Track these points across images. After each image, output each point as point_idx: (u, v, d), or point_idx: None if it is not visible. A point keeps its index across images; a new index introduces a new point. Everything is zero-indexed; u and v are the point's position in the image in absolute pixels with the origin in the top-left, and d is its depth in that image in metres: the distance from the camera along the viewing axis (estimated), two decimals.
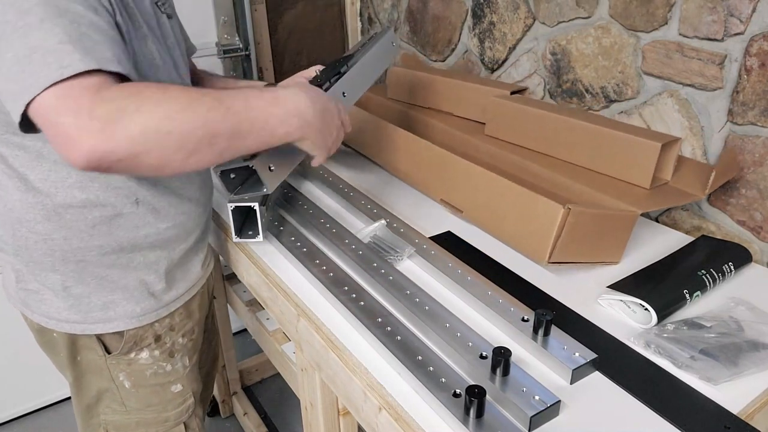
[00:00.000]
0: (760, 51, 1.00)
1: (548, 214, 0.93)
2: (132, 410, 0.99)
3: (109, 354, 0.94)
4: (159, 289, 0.94)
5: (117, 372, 0.96)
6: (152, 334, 0.96)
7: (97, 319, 0.91)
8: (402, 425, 0.72)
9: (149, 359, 0.97)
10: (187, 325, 1.02)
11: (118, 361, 0.95)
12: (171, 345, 1.00)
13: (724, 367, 0.76)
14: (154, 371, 0.98)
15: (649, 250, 1.04)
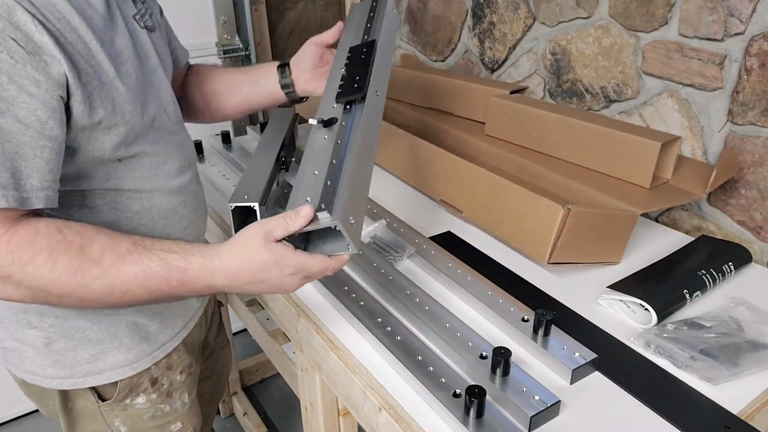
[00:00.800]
0: (760, 51, 1.00)
1: (548, 215, 0.93)
2: None
3: (103, 401, 0.87)
4: (152, 330, 0.86)
5: (112, 418, 0.88)
6: (148, 379, 0.88)
7: (86, 372, 0.83)
8: (402, 425, 0.72)
9: (146, 404, 0.89)
10: (185, 360, 0.94)
11: (113, 408, 0.87)
12: (169, 385, 0.92)
13: (724, 367, 0.76)
14: (152, 414, 0.91)
15: (649, 250, 1.04)
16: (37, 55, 0.61)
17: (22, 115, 0.61)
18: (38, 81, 0.61)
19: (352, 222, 0.68)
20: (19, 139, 0.61)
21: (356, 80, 0.83)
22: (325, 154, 0.76)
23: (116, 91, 0.70)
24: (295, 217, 0.68)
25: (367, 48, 0.89)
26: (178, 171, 0.84)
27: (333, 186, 0.71)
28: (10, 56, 0.59)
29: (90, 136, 0.70)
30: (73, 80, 0.64)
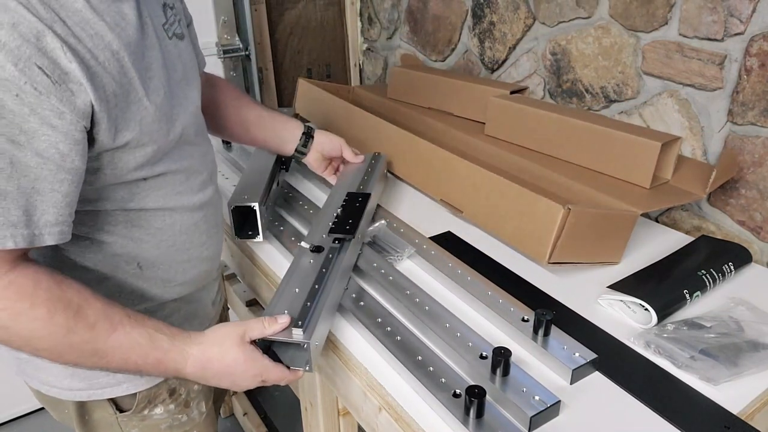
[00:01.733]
0: (760, 51, 1.00)
1: (548, 214, 0.93)
2: None
3: (121, 413, 0.87)
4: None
5: (129, 429, 0.89)
6: (166, 389, 0.89)
7: (104, 384, 0.83)
8: (402, 425, 0.72)
9: (164, 414, 0.90)
10: None
11: (131, 419, 0.87)
12: (186, 395, 0.92)
13: (724, 367, 0.76)
14: (169, 425, 0.91)
15: (649, 250, 1.04)
16: (63, 84, 0.59)
17: (42, 148, 0.59)
18: (62, 113, 0.59)
19: (317, 344, 0.76)
20: (37, 174, 0.60)
21: (349, 222, 0.96)
22: (310, 277, 0.85)
23: (145, 111, 0.69)
24: (272, 323, 0.74)
25: (362, 198, 1.04)
26: (201, 186, 0.84)
27: (312, 308, 0.79)
28: (33, 87, 0.57)
29: (114, 157, 0.69)
30: (99, 108, 0.63)
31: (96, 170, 0.69)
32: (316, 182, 1.30)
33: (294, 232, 1.09)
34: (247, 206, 1.05)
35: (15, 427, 1.88)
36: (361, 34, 2.04)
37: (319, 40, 1.97)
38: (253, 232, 1.07)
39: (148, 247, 0.78)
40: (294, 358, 0.77)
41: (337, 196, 1.08)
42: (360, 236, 0.99)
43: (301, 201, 1.20)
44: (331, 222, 0.98)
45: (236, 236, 1.07)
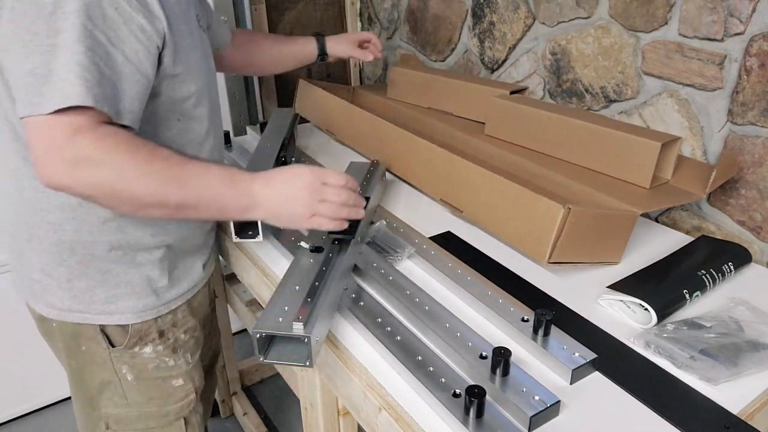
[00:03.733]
0: (760, 51, 1.00)
1: (548, 214, 0.93)
2: (133, 404, 1.01)
3: (113, 347, 0.96)
4: (161, 286, 0.97)
5: (120, 365, 0.97)
6: (156, 330, 0.98)
7: (100, 311, 0.93)
8: (402, 425, 0.72)
9: (152, 354, 0.99)
10: (189, 322, 1.04)
11: (122, 354, 0.97)
12: (174, 341, 1.02)
13: (724, 367, 0.76)
14: (157, 365, 1.00)
15: (649, 250, 1.04)
16: (146, 9, 0.77)
17: (127, 51, 0.75)
18: (144, 29, 0.77)
19: (317, 340, 0.76)
20: (121, 70, 0.75)
21: (350, 224, 0.93)
22: (310, 276, 0.86)
23: (192, 54, 0.88)
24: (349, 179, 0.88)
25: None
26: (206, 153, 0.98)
27: (312, 304, 0.79)
28: (128, 5, 0.75)
29: (169, 85, 0.85)
30: (168, 36, 0.81)
31: (156, 95, 0.85)
32: None
33: (294, 232, 1.09)
34: None
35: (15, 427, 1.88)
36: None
37: None
38: (253, 232, 1.07)
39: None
40: (294, 354, 0.77)
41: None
42: (359, 238, 1.00)
43: None
44: None
45: (236, 236, 1.07)
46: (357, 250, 0.98)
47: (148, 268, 0.95)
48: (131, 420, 1.02)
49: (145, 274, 0.94)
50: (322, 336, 0.80)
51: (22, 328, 1.75)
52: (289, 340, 0.78)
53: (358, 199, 0.90)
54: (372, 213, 1.11)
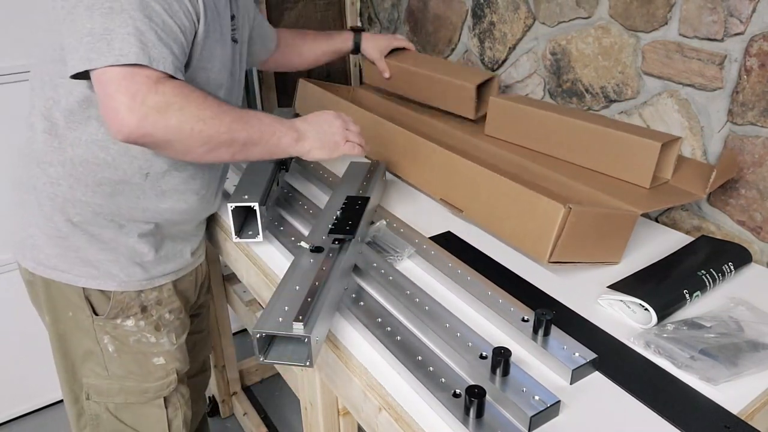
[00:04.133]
0: (760, 51, 1.00)
1: (549, 214, 0.93)
2: (114, 376, 1.03)
3: (96, 315, 1.00)
4: (148, 261, 1.01)
5: (102, 334, 1.01)
6: (138, 304, 1.02)
7: (82, 274, 0.98)
8: (402, 425, 0.72)
9: (134, 327, 1.03)
10: (175, 303, 1.08)
11: (104, 324, 1.01)
12: (157, 318, 1.05)
13: (724, 367, 0.76)
14: (137, 339, 1.03)
15: (649, 250, 1.04)
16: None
17: (179, 22, 0.83)
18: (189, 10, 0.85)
19: (317, 339, 0.76)
20: (176, 35, 0.83)
21: (349, 224, 0.98)
22: (310, 276, 0.86)
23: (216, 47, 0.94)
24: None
25: (362, 201, 1.06)
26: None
27: (312, 304, 0.79)
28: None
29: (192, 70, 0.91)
30: (203, 18, 0.88)
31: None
32: (316, 182, 1.30)
33: (294, 232, 1.09)
34: (247, 206, 1.05)
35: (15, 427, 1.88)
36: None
37: None
38: (253, 232, 1.07)
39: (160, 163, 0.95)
40: (294, 353, 0.77)
41: (337, 200, 1.08)
42: (360, 238, 1.00)
43: (301, 201, 1.20)
44: (331, 223, 0.98)
45: (236, 236, 1.07)
46: (357, 250, 0.99)
47: (135, 240, 0.99)
48: (112, 392, 1.04)
49: (132, 245, 0.99)
50: (322, 336, 0.80)
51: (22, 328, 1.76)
52: (290, 340, 0.78)
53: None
54: (372, 213, 1.11)
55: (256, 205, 1.04)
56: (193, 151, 0.84)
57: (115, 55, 0.76)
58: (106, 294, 0.99)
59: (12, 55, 1.53)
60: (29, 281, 1.03)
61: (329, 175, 1.30)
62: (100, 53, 0.76)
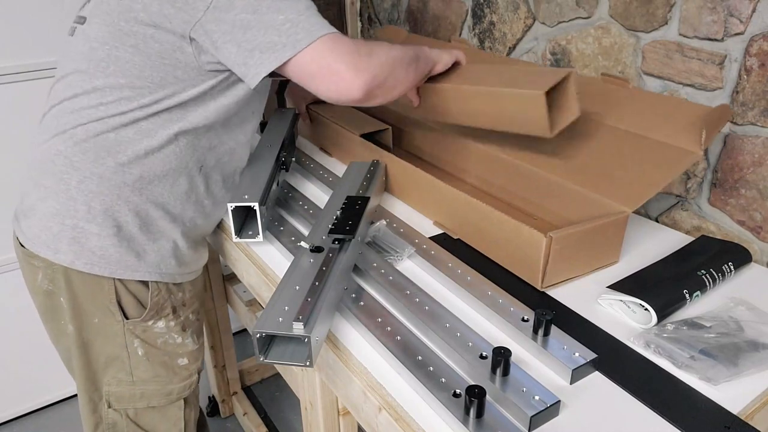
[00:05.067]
0: (760, 51, 1.00)
1: (532, 242, 0.91)
2: (138, 381, 1.04)
3: (127, 319, 1.00)
4: (182, 254, 1.05)
5: (132, 338, 1.01)
6: (170, 305, 1.04)
7: (128, 266, 0.98)
8: (402, 425, 0.72)
9: (164, 329, 1.04)
10: (194, 304, 1.11)
11: (135, 327, 1.01)
12: (184, 319, 1.08)
13: (724, 367, 0.76)
14: (165, 340, 1.05)
15: (649, 250, 1.04)
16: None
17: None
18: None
19: (317, 339, 0.76)
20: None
21: (349, 224, 0.98)
22: (310, 276, 0.86)
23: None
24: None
25: (362, 201, 1.06)
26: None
27: (312, 303, 0.79)
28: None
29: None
30: None
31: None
32: (316, 182, 1.30)
33: (294, 232, 1.09)
34: (247, 206, 1.05)
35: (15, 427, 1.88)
36: (361, 34, 2.04)
37: None
38: (253, 232, 1.07)
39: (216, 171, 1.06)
40: (294, 353, 0.78)
41: (337, 200, 1.08)
42: (360, 238, 1.00)
43: (301, 201, 1.20)
44: (331, 223, 0.98)
45: (236, 236, 1.07)
46: (357, 250, 0.99)
47: (178, 234, 1.02)
48: (134, 398, 1.05)
49: (175, 238, 1.02)
50: (323, 336, 0.80)
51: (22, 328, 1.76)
52: (290, 339, 0.79)
53: None
54: (372, 213, 1.11)
55: (256, 205, 1.04)
56: (401, 80, 0.96)
57: (321, 28, 0.86)
58: (141, 296, 1.00)
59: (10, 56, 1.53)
60: (48, 291, 1.00)
61: (329, 175, 1.30)
62: (308, 33, 0.85)
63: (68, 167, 0.93)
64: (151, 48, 0.89)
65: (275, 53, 0.85)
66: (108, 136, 0.93)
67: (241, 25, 0.85)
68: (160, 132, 0.94)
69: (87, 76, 0.92)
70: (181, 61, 0.90)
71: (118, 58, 0.90)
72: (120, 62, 0.90)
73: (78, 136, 0.93)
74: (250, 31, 0.85)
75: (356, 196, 1.08)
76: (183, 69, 0.91)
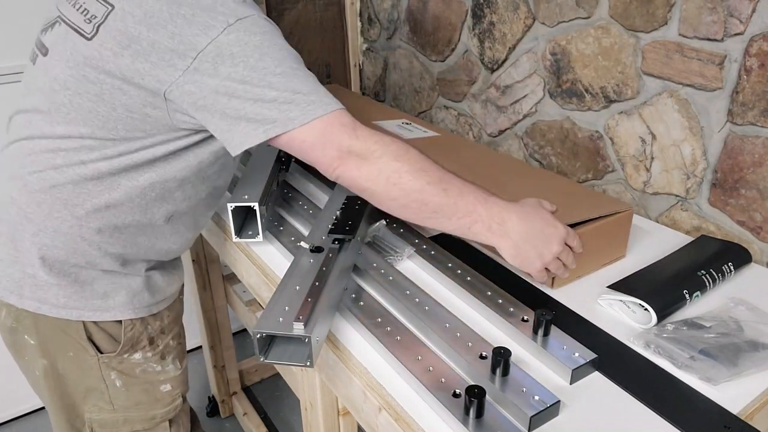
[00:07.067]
0: (760, 51, 1.00)
1: None
2: (120, 409, 1.01)
3: (101, 353, 0.95)
4: (152, 286, 0.99)
5: (108, 371, 0.97)
6: (147, 336, 0.99)
7: (95, 307, 0.93)
8: (402, 425, 0.72)
9: (141, 359, 1.00)
10: (175, 329, 1.07)
11: (110, 360, 0.97)
12: (163, 347, 1.03)
13: (723, 367, 0.76)
14: (143, 369, 1.01)
15: (649, 250, 1.04)
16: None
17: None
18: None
19: (317, 339, 0.76)
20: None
21: (349, 224, 0.98)
22: (310, 276, 0.86)
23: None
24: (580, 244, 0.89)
25: (362, 201, 1.05)
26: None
27: (312, 303, 0.79)
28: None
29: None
30: None
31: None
32: (316, 182, 1.30)
33: (294, 232, 1.09)
34: (246, 206, 1.05)
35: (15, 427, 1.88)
36: (361, 34, 2.04)
37: (319, 40, 1.96)
38: (253, 232, 1.07)
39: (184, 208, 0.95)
40: (295, 353, 0.78)
41: (337, 200, 1.08)
42: (359, 238, 1.00)
43: (301, 201, 1.20)
44: (331, 223, 0.98)
45: (236, 236, 1.07)
46: (357, 250, 0.98)
47: (144, 271, 0.97)
48: (117, 424, 1.02)
49: (142, 275, 0.96)
50: (323, 336, 0.80)
51: None
52: (290, 340, 0.79)
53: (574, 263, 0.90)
54: (372, 213, 1.11)
55: (256, 205, 1.04)
56: (384, 204, 0.83)
57: (319, 107, 0.78)
58: (114, 332, 0.95)
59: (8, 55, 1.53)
60: (12, 328, 0.95)
61: None
62: (302, 111, 0.77)
63: (22, 218, 0.88)
64: (117, 99, 0.80)
65: (257, 128, 0.78)
66: (65, 188, 0.85)
67: (225, 92, 0.77)
68: (124, 185, 0.86)
69: (48, 118, 0.84)
70: (150, 116, 0.81)
71: (80, 106, 0.81)
72: (82, 111, 0.81)
73: (33, 185, 0.86)
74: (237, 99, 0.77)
75: (356, 196, 1.07)
76: (153, 124, 0.82)
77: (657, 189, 1.22)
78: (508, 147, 1.57)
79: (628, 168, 1.27)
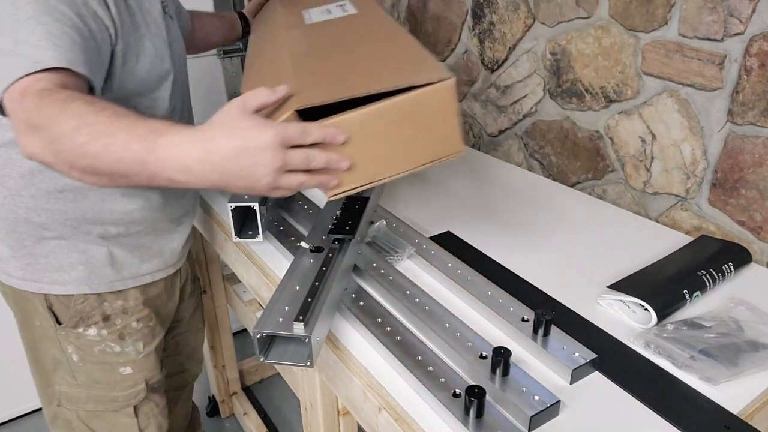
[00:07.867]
0: (760, 51, 1.00)
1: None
2: (82, 384, 1.02)
3: (59, 324, 0.98)
4: (120, 261, 0.97)
5: (66, 344, 0.99)
6: (100, 313, 0.98)
7: (52, 281, 0.94)
8: (402, 425, 0.72)
9: (97, 336, 0.99)
10: (143, 311, 1.03)
11: (68, 333, 0.98)
12: (122, 327, 1.01)
13: (723, 367, 0.76)
14: (102, 349, 1.00)
15: (649, 250, 1.04)
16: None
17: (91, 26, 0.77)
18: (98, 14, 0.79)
19: (318, 339, 0.76)
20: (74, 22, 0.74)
21: (349, 224, 0.98)
22: (310, 276, 0.86)
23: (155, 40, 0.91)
24: (271, 92, 0.69)
25: (362, 201, 1.05)
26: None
27: (313, 303, 0.79)
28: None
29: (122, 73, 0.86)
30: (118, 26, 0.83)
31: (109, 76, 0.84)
32: None
33: (294, 232, 1.09)
34: (246, 206, 1.05)
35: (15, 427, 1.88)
36: None
37: None
38: (252, 232, 1.07)
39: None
40: (295, 353, 0.78)
41: (337, 200, 1.08)
42: (359, 238, 1.00)
43: (301, 201, 1.20)
44: (331, 223, 0.98)
45: (236, 236, 1.07)
46: (357, 250, 0.99)
47: (104, 242, 0.95)
48: (81, 400, 1.03)
49: (103, 247, 0.95)
50: (323, 336, 0.80)
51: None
52: (290, 340, 0.79)
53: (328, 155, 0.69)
54: (372, 213, 1.11)
55: (256, 205, 1.04)
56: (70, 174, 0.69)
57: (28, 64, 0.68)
58: (68, 304, 0.96)
59: None
60: (3, 292, 1.02)
61: None
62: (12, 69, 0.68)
63: None
64: None
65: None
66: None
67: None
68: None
69: None
70: None
71: None
72: None
73: None
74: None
75: (356, 196, 1.08)
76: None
77: (657, 189, 1.22)
78: (509, 147, 1.57)
79: (628, 168, 1.27)
